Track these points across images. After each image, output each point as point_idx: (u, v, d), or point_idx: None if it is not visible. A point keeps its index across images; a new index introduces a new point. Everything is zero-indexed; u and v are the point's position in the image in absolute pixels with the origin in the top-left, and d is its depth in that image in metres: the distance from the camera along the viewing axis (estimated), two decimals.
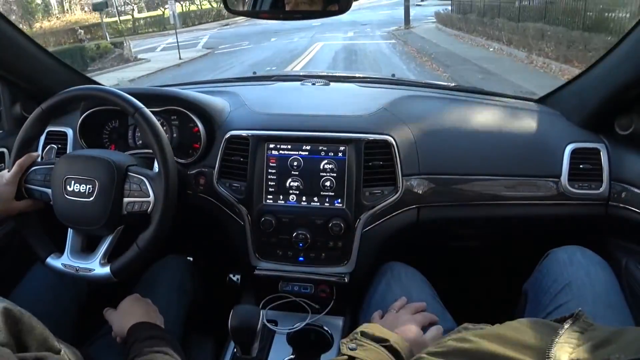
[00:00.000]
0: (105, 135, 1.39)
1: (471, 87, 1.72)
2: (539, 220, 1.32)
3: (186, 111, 1.30)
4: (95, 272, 1.07)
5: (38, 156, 1.15)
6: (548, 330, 0.57)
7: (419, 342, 0.92)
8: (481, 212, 1.29)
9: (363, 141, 1.19)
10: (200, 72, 12.49)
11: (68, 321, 1.21)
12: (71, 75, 1.53)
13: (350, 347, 0.80)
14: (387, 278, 1.17)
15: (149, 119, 1.06)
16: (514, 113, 1.43)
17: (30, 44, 1.35)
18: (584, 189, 1.23)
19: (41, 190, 1.11)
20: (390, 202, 1.20)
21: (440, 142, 1.28)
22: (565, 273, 1.03)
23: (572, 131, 1.31)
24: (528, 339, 0.55)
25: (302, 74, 1.80)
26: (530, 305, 1.08)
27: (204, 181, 1.30)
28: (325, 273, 1.24)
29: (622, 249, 1.24)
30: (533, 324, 0.60)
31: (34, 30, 21.32)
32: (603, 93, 1.23)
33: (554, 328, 0.58)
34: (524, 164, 1.26)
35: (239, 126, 1.27)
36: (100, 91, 1.10)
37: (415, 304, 1.06)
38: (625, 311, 0.99)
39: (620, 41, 1.16)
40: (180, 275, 1.30)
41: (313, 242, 1.20)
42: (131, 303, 1.08)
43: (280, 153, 1.22)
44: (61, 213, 1.08)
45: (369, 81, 1.74)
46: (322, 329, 1.22)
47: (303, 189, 1.21)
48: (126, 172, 1.07)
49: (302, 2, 1.16)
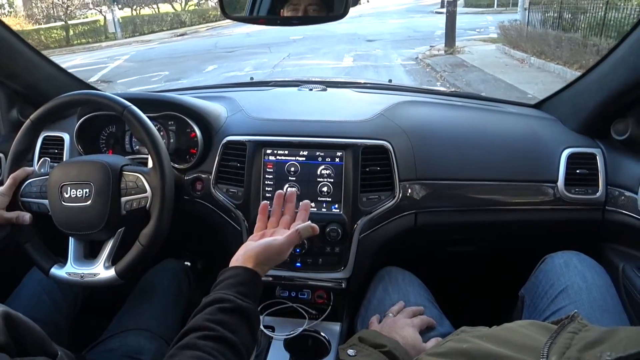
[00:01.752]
0: (102, 141, 1.39)
1: (468, 93, 1.73)
2: (536, 225, 1.33)
3: (183, 116, 1.30)
4: (101, 276, 1.07)
5: (32, 171, 1.14)
6: (544, 332, 0.58)
7: (417, 346, 0.93)
8: (478, 217, 1.29)
9: (360, 147, 1.19)
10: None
11: (65, 325, 1.21)
12: (68, 80, 1.53)
13: (348, 353, 0.80)
14: (384, 283, 1.17)
15: (137, 115, 1.06)
16: (511, 118, 1.44)
17: (27, 48, 1.35)
18: (581, 194, 1.23)
19: (38, 202, 1.10)
20: (387, 208, 1.20)
21: (437, 148, 1.28)
22: (562, 278, 1.04)
23: (569, 136, 1.31)
24: (525, 340, 0.56)
25: (299, 79, 1.81)
26: (527, 310, 1.08)
27: (201, 186, 1.30)
28: (322, 279, 1.24)
29: (618, 253, 1.24)
30: (530, 326, 0.60)
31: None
32: (599, 98, 1.24)
33: (549, 329, 0.58)
34: (521, 169, 1.27)
35: (236, 131, 1.27)
36: (88, 95, 1.11)
37: (413, 307, 1.06)
38: (622, 316, 0.99)
39: (616, 46, 1.17)
40: (177, 279, 1.30)
41: (310, 247, 1.19)
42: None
43: (278, 158, 1.23)
44: (60, 221, 1.07)
45: (366, 87, 1.74)
46: (319, 335, 1.22)
47: (300, 194, 1.21)
48: (121, 171, 1.07)
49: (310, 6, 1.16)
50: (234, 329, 0.71)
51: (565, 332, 0.54)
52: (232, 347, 0.68)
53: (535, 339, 0.55)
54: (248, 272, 0.80)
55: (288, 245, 0.85)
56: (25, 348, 0.67)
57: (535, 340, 0.55)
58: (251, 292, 0.78)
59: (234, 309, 0.73)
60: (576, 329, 0.55)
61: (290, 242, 0.85)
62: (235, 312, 0.73)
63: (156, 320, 1.15)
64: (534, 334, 0.57)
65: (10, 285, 1.24)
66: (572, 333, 0.54)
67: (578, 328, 0.55)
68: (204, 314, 0.72)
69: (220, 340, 0.68)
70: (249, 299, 0.76)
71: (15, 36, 1.29)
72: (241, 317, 0.73)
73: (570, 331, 0.54)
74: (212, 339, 0.67)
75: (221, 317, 0.71)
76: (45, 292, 1.21)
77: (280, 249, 0.84)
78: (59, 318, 1.20)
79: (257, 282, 0.81)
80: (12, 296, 1.21)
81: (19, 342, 0.66)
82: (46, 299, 1.20)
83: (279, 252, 0.84)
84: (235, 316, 0.72)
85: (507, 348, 0.54)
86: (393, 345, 0.84)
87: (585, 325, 0.57)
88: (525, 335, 0.57)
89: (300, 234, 0.86)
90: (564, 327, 0.56)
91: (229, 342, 0.68)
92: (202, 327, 0.69)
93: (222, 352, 0.67)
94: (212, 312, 0.72)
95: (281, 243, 0.84)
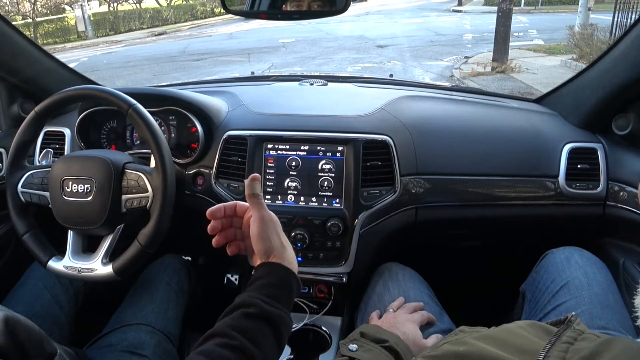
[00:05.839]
0: (103, 135, 1.39)
1: (469, 88, 1.72)
2: (537, 221, 1.33)
3: (184, 111, 1.30)
4: (98, 272, 1.07)
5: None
6: (543, 334, 0.58)
7: (417, 342, 0.93)
8: (479, 212, 1.29)
9: (361, 141, 1.19)
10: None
11: (66, 321, 1.21)
12: (69, 75, 1.53)
13: (350, 348, 0.80)
14: (384, 278, 1.17)
15: (143, 114, 1.06)
16: (512, 113, 1.43)
17: (28, 43, 1.35)
18: (582, 189, 1.23)
19: (39, 194, 1.10)
20: (388, 202, 1.20)
21: (438, 142, 1.28)
22: (563, 273, 1.04)
23: (570, 131, 1.31)
24: (522, 342, 0.56)
25: (300, 74, 1.80)
26: (528, 306, 1.08)
27: (202, 181, 1.30)
28: (323, 273, 1.24)
29: (619, 249, 1.24)
30: (529, 327, 0.60)
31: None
32: (600, 93, 1.24)
33: (549, 331, 0.58)
34: (522, 164, 1.27)
35: (237, 126, 1.27)
36: (94, 90, 1.10)
37: (413, 303, 1.06)
38: (623, 311, 0.99)
39: (617, 42, 1.17)
40: (178, 274, 1.30)
41: (311, 242, 1.20)
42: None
43: (279, 153, 1.22)
44: (60, 215, 1.07)
45: (367, 81, 1.74)
46: (320, 329, 1.22)
47: (301, 189, 1.21)
48: (123, 169, 1.07)
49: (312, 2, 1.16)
50: (256, 338, 0.65)
51: (560, 342, 0.54)
52: (249, 358, 0.64)
53: (533, 342, 0.55)
54: (282, 270, 0.73)
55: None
56: (24, 348, 0.67)
57: (533, 343, 0.55)
58: (283, 294, 0.71)
59: (260, 315, 0.67)
60: (571, 339, 0.55)
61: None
62: (260, 319, 0.67)
63: (157, 315, 1.15)
64: (532, 337, 0.57)
65: (10, 280, 1.24)
66: (567, 344, 0.53)
67: (574, 337, 0.55)
68: (229, 319, 0.67)
69: (238, 350, 0.63)
70: (279, 303, 0.70)
71: (15, 31, 1.29)
72: (267, 325, 0.67)
73: (566, 341, 0.54)
74: (231, 348, 0.63)
75: (244, 323, 0.66)
76: (46, 288, 1.21)
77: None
78: (59, 313, 1.20)
79: (291, 282, 0.73)
80: (13, 291, 1.21)
81: (18, 343, 0.66)
82: (46, 295, 1.20)
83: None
84: (260, 323, 0.67)
85: (505, 350, 0.54)
86: (394, 340, 0.84)
87: (581, 333, 0.56)
88: (524, 338, 0.57)
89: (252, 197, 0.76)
90: (559, 335, 0.55)
91: (247, 353, 0.64)
92: (223, 333, 0.65)
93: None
94: (236, 317, 0.67)
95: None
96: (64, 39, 17.75)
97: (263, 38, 12.77)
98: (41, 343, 0.72)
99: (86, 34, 15.07)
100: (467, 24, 9.46)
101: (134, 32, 18.96)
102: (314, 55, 9.99)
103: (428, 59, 8.80)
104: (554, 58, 8.10)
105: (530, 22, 11.88)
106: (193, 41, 14.25)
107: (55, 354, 0.76)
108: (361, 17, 16.58)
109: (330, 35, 11.98)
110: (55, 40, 17.60)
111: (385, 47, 10.18)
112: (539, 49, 9.05)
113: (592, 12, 8.24)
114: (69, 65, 1.53)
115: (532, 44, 9.53)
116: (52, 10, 19.75)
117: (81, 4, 16.66)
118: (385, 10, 18.81)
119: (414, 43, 10.46)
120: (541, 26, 11.46)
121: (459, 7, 17.88)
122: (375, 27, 13.64)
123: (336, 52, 10.13)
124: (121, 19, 19.67)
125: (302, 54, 10.27)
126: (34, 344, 0.70)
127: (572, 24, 7.96)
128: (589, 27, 7.58)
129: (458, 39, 10.59)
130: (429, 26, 13.10)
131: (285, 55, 10.32)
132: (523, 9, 15.40)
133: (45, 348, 0.73)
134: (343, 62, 9.07)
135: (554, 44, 9.02)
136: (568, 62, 7.42)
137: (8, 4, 17.61)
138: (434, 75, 7.57)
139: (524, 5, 15.89)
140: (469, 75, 7.39)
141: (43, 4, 18.92)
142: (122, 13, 20.40)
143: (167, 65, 10.31)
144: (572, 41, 7.64)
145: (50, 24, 18.20)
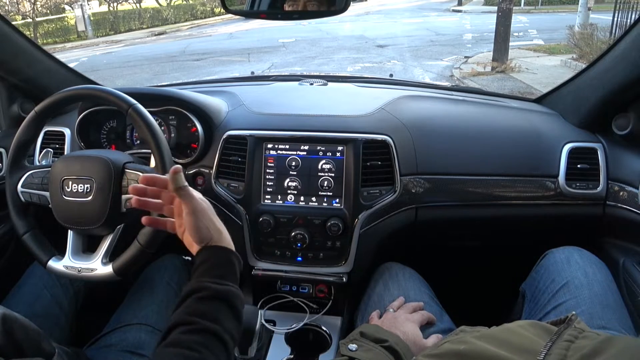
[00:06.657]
0: (103, 135, 1.39)
1: (469, 87, 1.72)
2: (537, 220, 1.33)
3: (184, 111, 1.30)
4: (98, 272, 1.07)
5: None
6: (543, 333, 0.58)
7: (417, 342, 0.93)
8: (479, 212, 1.29)
9: (361, 141, 1.19)
10: None
11: (66, 321, 1.21)
12: (69, 75, 1.53)
13: (350, 348, 0.80)
14: (384, 278, 1.17)
15: (143, 114, 1.06)
16: (512, 113, 1.43)
17: (28, 43, 1.35)
18: (582, 189, 1.23)
19: (39, 194, 1.10)
20: (388, 202, 1.20)
21: (438, 142, 1.28)
22: (563, 273, 1.04)
23: (570, 131, 1.31)
24: (523, 341, 0.56)
25: (300, 73, 1.80)
26: (528, 305, 1.08)
27: (202, 181, 1.30)
28: (323, 273, 1.24)
29: (619, 248, 1.24)
30: (529, 327, 0.60)
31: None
32: (600, 93, 1.24)
33: (549, 331, 0.58)
34: (522, 164, 1.27)
35: (237, 126, 1.27)
36: (94, 90, 1.10)
37: (413, 303, 1.07)
38: (623, 310, 0.99)
39: (617, 42, 1.17)
40: (178, 274, 1.30)
41: (311, 242, 1.20)
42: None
43: (279, 153, 1.22)
44: (60, 214, 1.07)
45: (367, 81, 1.74)
46: (320, 329, 1.23)
47: (301, 188, 1.21)
48: (123, 169, 1.07)
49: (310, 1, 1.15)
50: (215, 317, 0.69)
51: (561, 340, 0.54)
52: (215, 336, 0.67)
53: (533, 341, 0.56)
54: (222, 251, 0.78)
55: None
56: (21, 347, 0.67)
57: (533, 343, 0.55)
58: (228, 271, 0.76)
59: (212, 296, 0.71)
60: (572, 337, 0.55)
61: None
62: (213, 299, 0.71)
63: (157, 315, 1.15)
64: (533, 336, 0.57)
65: (10, 280, 1.24)
66: (568, 342, 0.54)
67: (574, 335, 0.55)
68: (183, 308, 0.71)
69: (203, 332, 0.67)
70: (227, 280, 0.74)
71: (15, 31, 1.29)
72: (221, 302, 0.72)
73: (567, 339, 0.54)
74: (195, 332, 0.67)
75: (200, 307, 0.70)
76: (46, 288, 1.21)
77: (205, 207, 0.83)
78: (59, 313, 1.20)
79: (233, 259, 0.78)
80: (13, 291, 1.21)
81: (15, 342, 0.66)
82: (46, 295, 1.20)
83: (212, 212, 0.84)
84: (214, 303, 0.71)
85: (506, 349, 0.54)
86: (394, 340, 0.84)
87: (582, 331, 0.56)
88: (524, 337, 0.57)
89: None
90: (560, 334, 0.55)
91: (211, 331, 0.68)
92: (183, 321, 0.68)
93: (206, 345, 0.66)
94: (191, 303, 0.71)
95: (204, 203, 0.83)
96: (63, 38, 17.79)
97: (263, 38, 12.81)
98: (39, 342, 0.72)
99: (86, 33, 15.25)
100: (467, 24, 9.50)
101: (134, 32, 18.98)
102: (314, 55, 10.08)
103: (428, 58, 8.86)
104: (553, 58, 8.16)
105: (530, 22, 11.92)
106: (193, 41, 14.25)
107: (53, 353, 0.76)
108: (361, 17, 16.68)
109: (330, 35, 12.08)
110: (55, 40, 17.63)
111: (385, 47, 10.25)
112: (539, 48, 9.09)
113: (592, 12, 8.29)
114: (68, 65, 1.53)
115: (532, 43, 9.62)
116: (52, 10, 19.59)
117: (81, 4, 16.73)
118: (385, 10, 18.92)
119: (414, 43, 10.53)
120: (541, 26, 11.54)
121: (459, 7, 17.94)
122: (375, 26, 13.72)
123: (336, 52, 10.21)
124: (121, 18, 19.67)
125: (302, 53, 10.34)
126: (31, 343, 0.70)
127: (572, 24, 8.02)
128: (588, 27, 7.63)
129: (458, 39, 10.65)
130: (429, 26, 13.15)
131: (285, 55, 10.39)
132: (523, 9, 15.40)
133: (43, 347, 0.73)
134: (343, 62, 9.12)
135: (554, 44, 9.06)
136: (568, 62, 7.46)
137: (8, 4, 17.62)
138: (434, 75, 7.63)
139: (524, 5, 15.90)
140: (469, 75, 7.45)
141: (43, 4, 18.91)
142: (122, 13, 20.39)
143: (167, 65, 10.34)
144: (572, 41, 7.71)
145: (50, 24, 18.16)
